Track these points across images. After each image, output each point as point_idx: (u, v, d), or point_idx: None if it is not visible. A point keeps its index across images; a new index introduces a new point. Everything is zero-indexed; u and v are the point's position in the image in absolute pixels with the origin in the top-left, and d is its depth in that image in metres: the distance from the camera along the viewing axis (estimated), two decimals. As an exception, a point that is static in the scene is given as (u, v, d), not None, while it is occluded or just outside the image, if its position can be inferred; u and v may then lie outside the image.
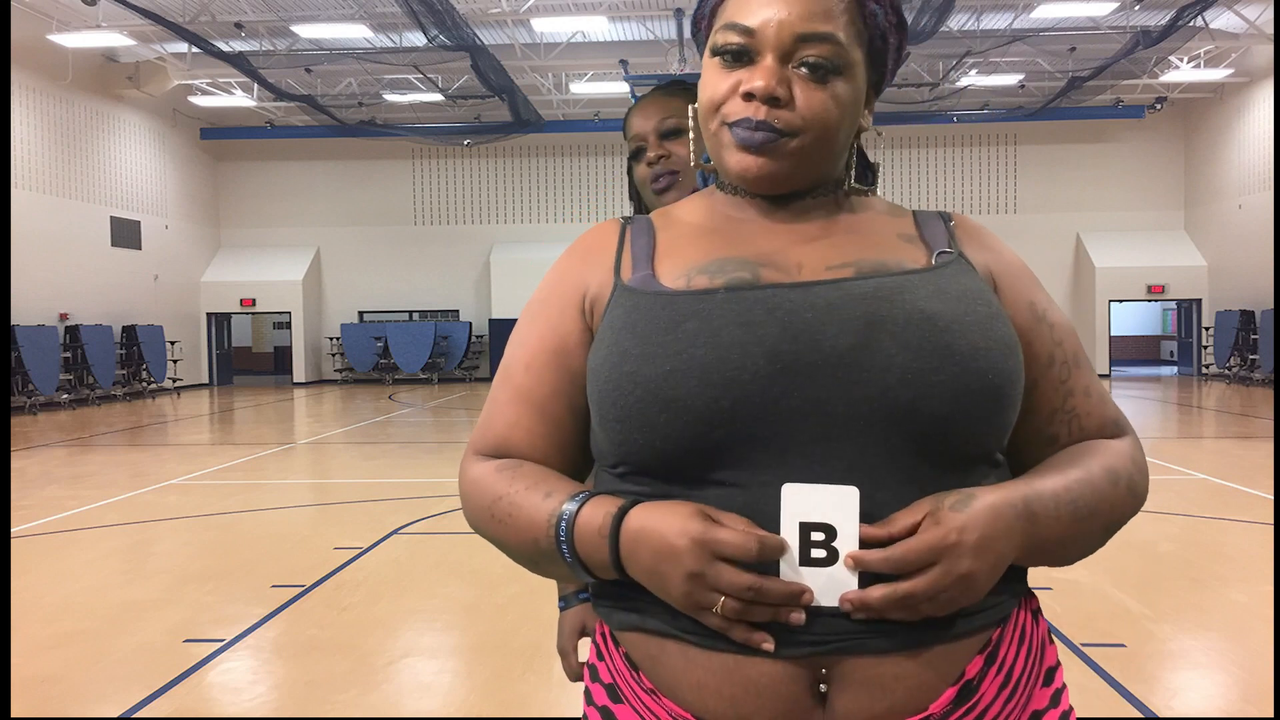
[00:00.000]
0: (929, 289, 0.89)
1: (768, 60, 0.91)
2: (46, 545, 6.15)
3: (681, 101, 1.63)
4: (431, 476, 8.97)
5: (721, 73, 0.94)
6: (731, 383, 0.83)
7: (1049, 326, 0.97)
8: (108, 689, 3.68)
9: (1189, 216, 22.94)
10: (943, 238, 0.98)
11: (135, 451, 11.08)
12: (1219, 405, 15.43)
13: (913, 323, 0.85)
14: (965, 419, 0.85)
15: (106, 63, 18.89)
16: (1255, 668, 3.75)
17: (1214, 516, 6.61)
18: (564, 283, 1.00)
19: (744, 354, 0.84)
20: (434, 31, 14.15)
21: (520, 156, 23.98)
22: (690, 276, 0.92)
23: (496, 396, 1.01)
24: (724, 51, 0.93)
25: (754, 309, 0.86)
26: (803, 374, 0.83)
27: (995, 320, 0.90)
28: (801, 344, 0.84)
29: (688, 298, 0.89)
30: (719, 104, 0.94)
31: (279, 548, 6.05)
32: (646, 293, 0.92)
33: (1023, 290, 0.98)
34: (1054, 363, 0.96)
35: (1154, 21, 15.74)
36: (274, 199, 24.31)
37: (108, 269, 19.24)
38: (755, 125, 0.91)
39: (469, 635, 4.33)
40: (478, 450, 1.02)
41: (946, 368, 0.84)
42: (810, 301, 0.87)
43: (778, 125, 0.90)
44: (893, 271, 0.91)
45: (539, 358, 0.98)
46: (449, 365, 23.40)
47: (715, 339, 0.85)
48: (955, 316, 0.87)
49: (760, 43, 0.91)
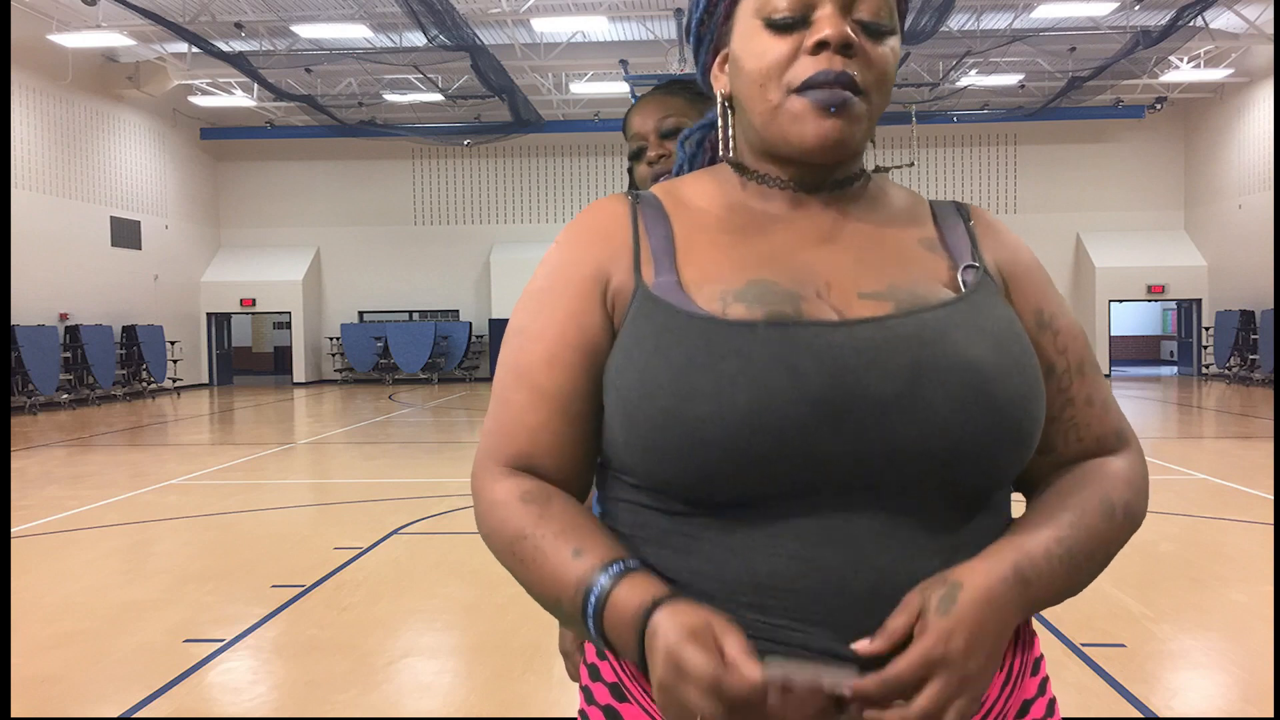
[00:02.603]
0: (970, 329, 0.85)
1: (829, 9, 0.86)
2: (46, 545, 6.15)
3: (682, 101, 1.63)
4: (431, 476, 8.97)
5: (774, 39, 0.87)
6: (772, 430, 0.80)
7: (1054, 334, 0.95)
8: (108, 689, 3.68)
9: (1189, 216, 22.94)
10: (964, 242, 0.95)
11: (135, 451, 11.08)
12: (1219, 405, 15.44)
13: (956, 371, 0.82)
14: (996, 464, 0.85)
15: (106, 63, 18.89)
16: (1255, 668, 3.75)
17: (1214, 516, 6.61)
18: (579, 267, 0.92)
19: (787, 401, 0.79)
20: (434, 31, 14.15)
21: (520, 156, 23.98)
22: (725, 301, 0.85)
23: (512, 398, 0.92)
24: (778, 15, 0.86)
25: (798, 352, 0.81)
26: (845, 421, 0.80)
27: (1028, 358, 0.88)
28: (846, 391, 0.80)
29: (726, 330, 0.82)
30: (780, 70, 0.87)
31: (279, 548, 6.05)
32: (679, 311, 0.85)
33: (1033, 294, 0.96)
34: (1054, 371, 0.94)
35: (1154, 21, 15.74)
36: (274, 199, 24.32)
37: (108, 269, 19.24)
38: (834, 79, 0.85)
39: (469, 635, 4.33)
40: (499, 462, 0.92)
41: (987, 419, 0.83)
42: (855, 345, 0.82)
43: (856, 79, 0.85)
44: (930, 304, 0.86)
45: (562, 354, 0.90)
46: (449, 365, 23.41)
47: (758, 383, 0.79)
48: (997, 363, 0.84)
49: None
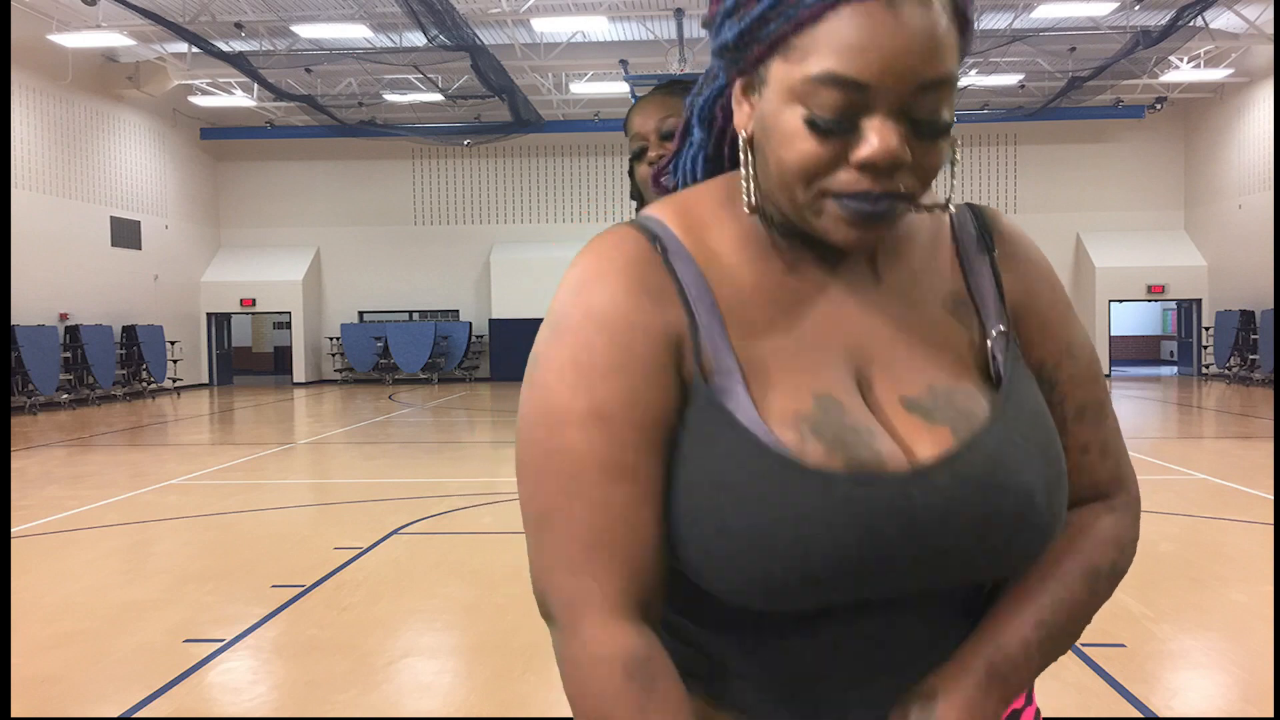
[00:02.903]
0: (1019, 445, 0.81)
1: (879, 118, 0.74)
2: (46, 545, 6.14)
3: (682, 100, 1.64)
4: (431, 476, 8.97)
5: (812, 138, 0.75)
6: (838, 580, 0.77)
7: (1065, 378, 0.90)
8: (108, 689, 3.68)
9: (1189, 216, 22.95)
10: (990, 289, 0.89)
11: (135, 451, 11.08)
12: (1219, 405, 15.43)
13: (1016, 508, 0.79)
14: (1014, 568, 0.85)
15: (106, 63, 18.89)
16: (1255, 668, 3.75)
17: (1214, 516, 6.61)
18: (642, 332, 0.79)
19: (861, 562, 0.76)
20: (434, 31, 14.15)
21: (520, 156, 23.98)
22: (801, 432, 0.77)
23: (613, 496, 0.78)
24: (820, 118, 0.75)
25: (876, 514, 0.76)
26: (908, 568, 0.78)
27: (1061, 453, 0.85)
28: (917, 545, 0.77)
29: (805, 480, 0.75)
30: (816, 174, 0.77)
31: (279, 548, 6.05)
32: (753, 440, 0.77)
33: (1051, 334, 0.90)
34: (1060, 418, 0.91)
35: (1154, 21, 15.74)
36: (274, 199, 24.32)
37: (108, 269, 19.24)
38: (878, 196, 0.76)
39: (469, 635, 4.33)
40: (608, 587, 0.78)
41: (1036, 542, 0.82)
42: (929, 500, 0.77)
43: (902, 190, 0.77)
44: (980, 421, 0.81)
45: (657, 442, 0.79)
46: (449, 365, 23.41)
47: (836, 547, 0.75)
48: (1047, 486, 0.81)
49: (874, 97, 0.73)
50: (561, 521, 0.78)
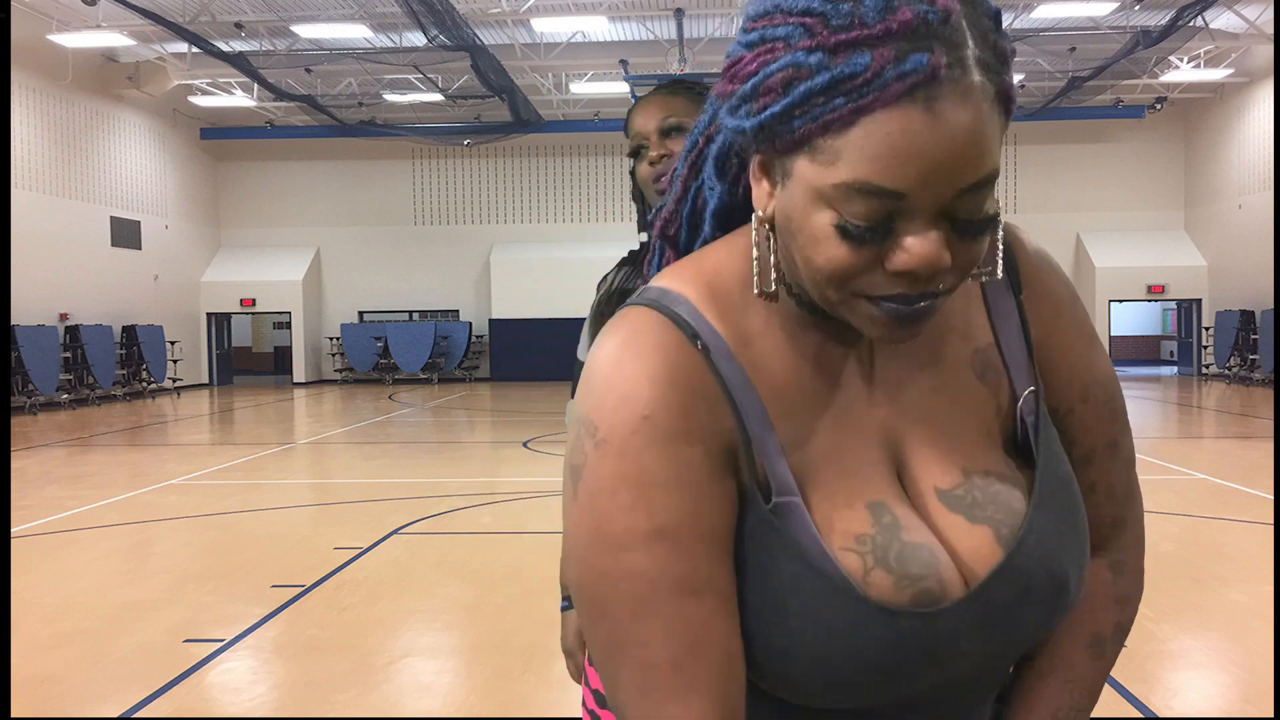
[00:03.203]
0: (1055, 527, 0.79)
1: (919, 224, 0.68)
2: (46, 545, 6.15)
3: (683, 101, 1.63)
4: (431, 476, 8.96)
5: (844, 244, 0.69)
6: (894, 699, 0.77)
7: (1077, 422, 0.88)
8: (108, 689, 3.68)
9: (1189, 216, 22.95)
10: (1018, 340, 0.85)
11: (135, 451, 11.08)
12: (1219, 405, 15.43)
13: (1056, 594, 0.79)
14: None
15: (106, 63, 18.90)
16: (1255, 668, 3.75)
17: (1214, 516, 6.61)
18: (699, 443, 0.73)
19: (911, 682, 0.75)
20: (434, 31, 14.15)
21: (520, 156, 23.98)
22: (864, 557, 0.74)
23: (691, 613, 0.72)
24: (853, 224, 0.68)
25: (939, 642, 0.74)
26: (954, 674, 0.78)
27: (1085, 518, 0.84)
28: (966, 655, 0.77)
29: (870, 613, 0.73)
30: (849, 278, 0.71)
31: (279, 548, 6.05)
32: (814, 568, 0.73)
33: (1069, 379, 0.87)
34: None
35: (1154, 21, 15.74)
36: (274, 199, 24.32)
37: (108, 269, 19.25)
38: (916, 298, 0.71)
39: (469, 635, 4.33)
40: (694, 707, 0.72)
41: (1057, 619, 0.81)
42: (983, 618, 0.76)
43: (942, 289, 0.71)
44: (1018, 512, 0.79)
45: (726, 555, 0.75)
46: (449, 365, 23.41)
47: (898, 676, 0.74)
48: (1078, 563, 0.80)
49: (912, 205, 0.67)
50: (636, 648, 0.72)
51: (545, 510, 7.08)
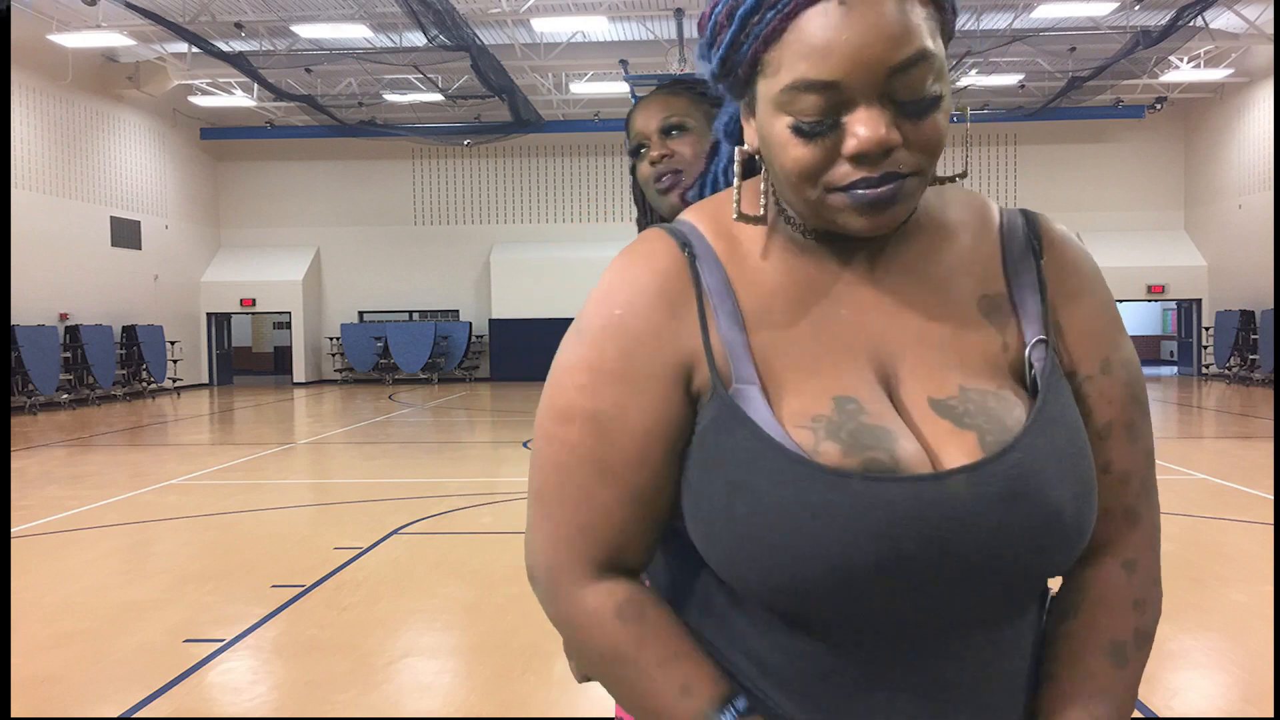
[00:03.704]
0: (1052, 460, 0.79)
1: (862, 109, 0.75)
2: (46, 545, 6.14)
3: (684, 100, 1.63)
4: (431, 476, 8.97)
5: (802, 144, 0.77)
6: (856, 590, 0.77)
7: (1095, 391, 0.88)
8: (108, 689, 3.68)
9: (1189, 216, 22.95)
10: (1034, 298, 0.87)
11: (135, 451, 11.08)
12: (1219, 405, 15.44)
13: (1042, 521, 0.78)
14: (1049, 577, 0.85)
15: (106, 63, 18.89)
16: (1255, 668, 3.76)
17: (1214, 516, 6.61)
18: (659, 351, 0.83)
19: (879, 566, 0.76)
20: (434, 31, 14.15)
21: (520, 156, 23.98)
22: (816, 434, 0.79)
23: (597, 495, 0.84)
24: (805, 122, 0.77)
25: (894, 516, 0.75)
26: (927, 579, 0.77)
27: (1093, 470, 0.84)
28: (935, 552, 0.76)
29: (819, 479, 0.76)
30: (815, 174, 0.78)
31: (279, 548, 6.05)
32: (767, 440, 0.78)
33: (1092, 349, 0.88)
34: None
35: (1154, 21, 15.74)
36: (274, 199, 24.32)
37: (108, 269, 19.25)
38: (878, 180, 0.77)
39: (469, 635, 4.33)
40: (585, 565, 0.85)
41: (1061, 554, 0.81)
42: (948, 506, 0.76)
43: (901, 169, 0.77)
44: (1011, 432, 0.80)
45: (652, 453, 0.83)
46: (449, 365, 23.41)
47: (852, 547, 0.75)
48: (1076, 500, 0.80)
49: (848, 92, 0.75)
50: (553, 504, 0.86)
51: (545, 510, 7.07)
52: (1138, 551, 0.88)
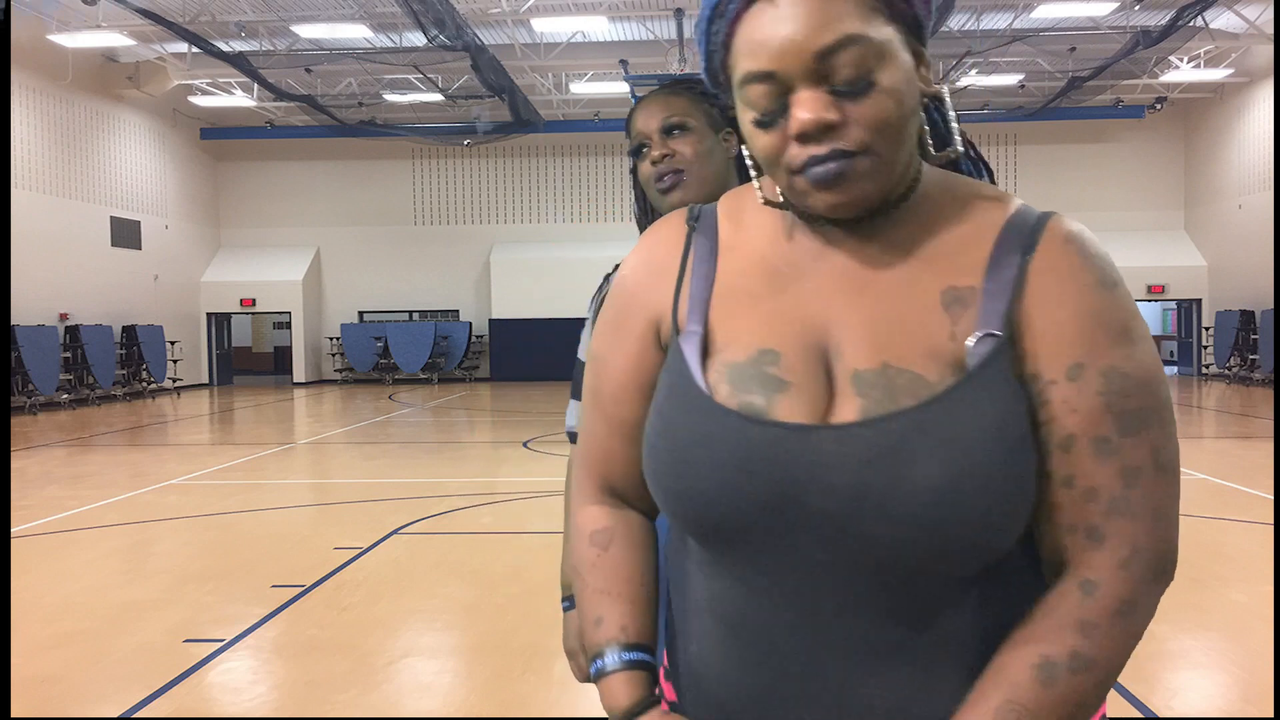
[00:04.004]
0: (934, 440, 0.81)
1: (801, 92, 0.82)
2: (46, 545, 6.15)
3: (685, 101, 1.63)
4: (431, 476, 8.97)
5: (762, 133, 0.86)
6: (731, 518, 0.87)
7: (1059, 400, 0.84)
8: (108, 689, 3.68)
9: (1189, 216, 22.95)
10: (1004, 293, 0.86)
11: (135, 451, 11.08)
12: (1219, 405, 15.44)
13: (899, 496, 0.80)
14: (938, 575, 0.84)
15: (106, 63, 18.89)
16: (1255, 668, 3.76)
17: (1214, 516, 6.61)
18: (641, 308, 0.99)
19: (738, 496, 0.85)
20: (434, 31, 14.15)
21: (520, 156, 23.98)
22: (722, 375, 0.89)
23: (595, 427, 1.02)
24: (760, 116, 0.85)
25: (752, 455, 0.84)
26: (790, 524, 0.84)
27: (1004, 468, 0.81)
28: (788, 500, 0.83)
29: (709, 414, 0.87)
30: (777, 158, 0.86)
31: (279, 548, 6.05)
32: (688, 378, 0.91)
33: (1059, 352, 0.85)
34: (1041, 441, 0.85)
35: (1154, 21, 15.74)
36: (274, 199, 24.32)
37: (108, 269, 19.25)
38: (825, 158, 0.82)
39: (469, 635, 4.33)
40: (587, 482, 1.04)
41: (928, 542, 0.81)
42: (805, 457, 0.83)
43: (847, 147, 0.82)
44: (902, 406, 0.83)
45: (628, 389, 0.99)
46: (449, 365, 23.41)
47: (716, 475, 0.86)
48: (950, 485, 0.79)
49: (784, 79, 0.82)
50: (581, 431, 1.06)
51: (545, 510, 7.08)
52: (1099, 573, 0.84)
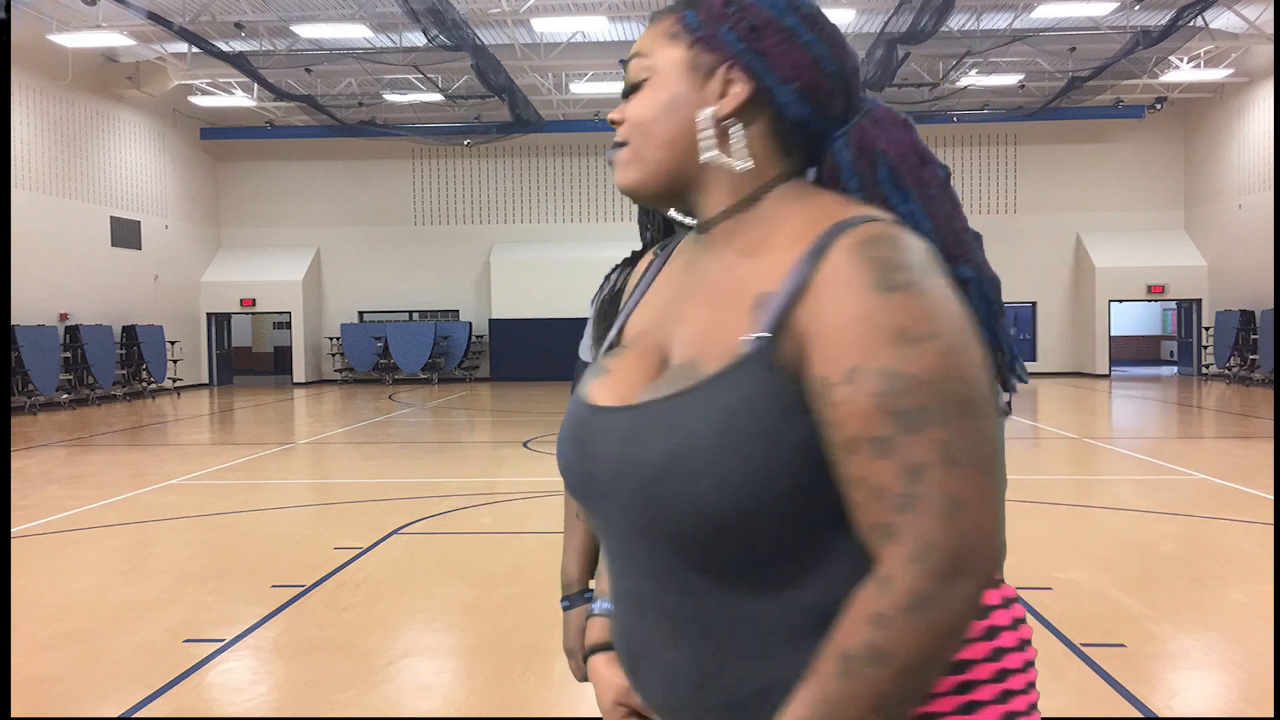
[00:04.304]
0: (669, 424, 0.93)
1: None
2: (46, 545, 6.15)
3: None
4: (431, 476, 8.97)
5: None
6: (570, 486, 1.06)
7: (831, 405, 0.88)
8: (108, 689, 3.68)
9: (1189, 216, 22.95)
10: (785, 300, 0.92)
11: (135, 451, 11.08)
12: (1219, 405, 15.43)
13: (634, 469, 0.94)
14: (692, 549, 0.94)
15: (106, 63, 18.89)
16: (1255, 668, 3.76)
17: (1214, 516, 6.61)
18: (610, 320, 1.27)
19: (567, 468, 1.06)
20: (434, 31, 14.15)
21: (520, 156, 23.98)
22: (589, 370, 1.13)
23: None
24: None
25: (571, 433, 1.05)
26: (598, 494, 1.01)
27: (730, 450, 0.89)
28: (585, 471, 1.02)
29: (572, 401, 1.10)
30: None
31: (279, 548, 6.05)
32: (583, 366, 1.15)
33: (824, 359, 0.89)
34: (828, 446, 0.89)
35: (1154, 21, 15.74)
36: (274, 199, 24.31)
37: (108, 269, 19.24)
38: (613, 146, 1.08)
39: (469, 635, 4.33)
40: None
41: (656, 513, 0.93)
42: (595, 435, 1.01)
43: (617, 138, 1.07)
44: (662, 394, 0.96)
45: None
46: (449, 365, 23.40)
47: (560, 448, 1.08)
48: (671, 463, 0.91)
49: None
50: None
51: (545, 510, 7.08)
52: (894, 569, 0.85)
